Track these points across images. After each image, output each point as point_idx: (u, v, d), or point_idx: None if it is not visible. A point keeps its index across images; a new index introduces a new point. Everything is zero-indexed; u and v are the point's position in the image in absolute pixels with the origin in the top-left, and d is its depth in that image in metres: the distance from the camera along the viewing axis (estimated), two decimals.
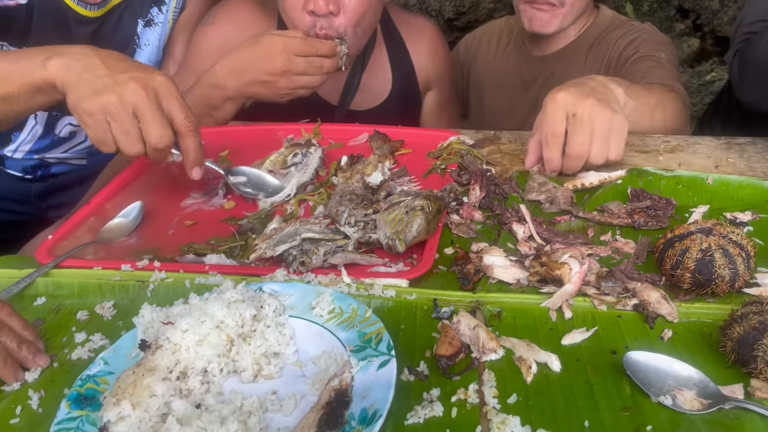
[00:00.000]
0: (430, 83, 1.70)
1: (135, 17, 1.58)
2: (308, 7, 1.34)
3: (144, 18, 1.59)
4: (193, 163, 1.06)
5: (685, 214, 1.03)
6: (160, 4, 1.60)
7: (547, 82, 1.73)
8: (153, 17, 1.60)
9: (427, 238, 0.97)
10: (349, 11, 1.36)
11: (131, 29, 1.58)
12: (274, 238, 0.98)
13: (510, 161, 1.23)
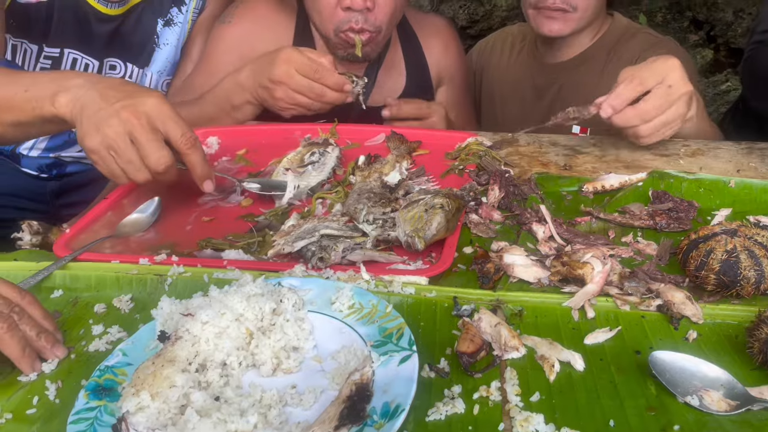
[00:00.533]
0: (442, 79, 1.71)
1: (155, 16, 1.59)
2: (344, 3, 1.38)
3: (164, 17, 1.60)
4: (201, 177, 1.05)
5: (707, 217, 1.02)
6: (180, 4, 1.61)
7: (562, 89, 1.72)
8: (173, 17, 1.61)
9: (447, 236, 0.96)
10: (383, 6, 1.41)
11: (151, 28, 1.59)
12: (293, 234, 0.97)
13: (528, 163, 1.23)
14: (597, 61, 1.70)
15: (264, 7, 1.56)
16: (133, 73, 1.61)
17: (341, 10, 1.40)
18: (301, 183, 1.16)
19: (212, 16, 1.63)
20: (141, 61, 1.60)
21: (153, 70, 1.63)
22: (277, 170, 1.20)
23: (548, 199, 1.09)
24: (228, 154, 1.31)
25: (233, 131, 1.38)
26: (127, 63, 1.60)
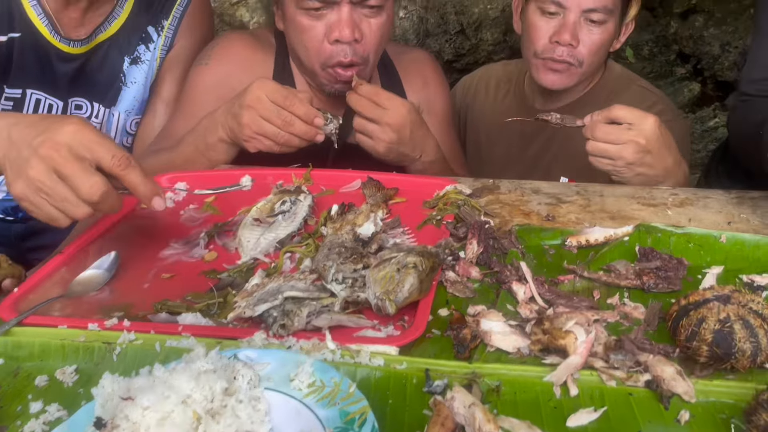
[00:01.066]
0: (422, 111, 1.65)
1: (121, 54, 1.53)
2: (332, 36, 1.34)
3: (130, 55, 1.54)
4: (146, 197, 0.96)
5: (698, 275, 0.96)
6: (147, 41, 1.56)
7: (552, 139, 1.67)
8: (140, 54, 1.56)
9: (420, 298, 0.89)
10: (370, 36, 1.37)
11: (117, 66, 1.54)
12: (255, 295, 0.91)
13: (510, 212, 1.17)
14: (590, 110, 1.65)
15: (241, 47, 1.51)
16: (100, 113, 1.55)
17: (329, 43, 1.36)
18: (269, 235, 1.09)
19: (182, 53, 1.58)
20: (107, 100, 1.55)
21: (120, 110, 1.57)
22: (245, 221, 1.14)
23: (530, 253, 1.03)
24: (195, 201, 1.25)
25: (202, 176, 1.32)
26: (93, 103, 1.54)
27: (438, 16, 3.20)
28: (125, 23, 1.52)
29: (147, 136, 1.61)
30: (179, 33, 1.58)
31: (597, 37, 1.51)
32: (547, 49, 1.53)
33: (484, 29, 3.17)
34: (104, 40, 1.50)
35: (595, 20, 1.49)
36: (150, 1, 1.55)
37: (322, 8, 1.33)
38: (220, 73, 1.47)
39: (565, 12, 1.50)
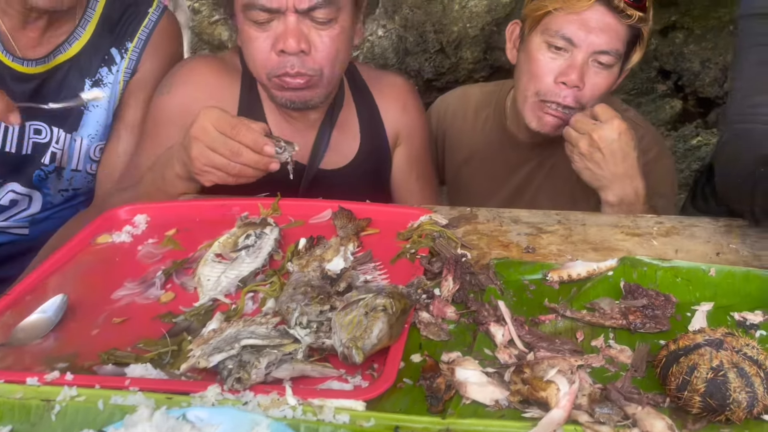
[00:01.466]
0: (400, 139, 1.60)
1: (82, 77, 1.46)
2: (278, 47, 1.28)
3: (92, 78, 1.47)
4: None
5: (687, 313, 0.90)
6: (110, 64, 1.49)
7: (538, 167, 1.61)
8: (102, 77, 1.49)
9: (391, 344, 0.83)
10: (321, 49, 1.30)
11: (78, 89, 1.46)
12: (211, 343, 0.83)
13: (488, 244, 1.11)
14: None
15: (204, 72, 1.44)
16: (61, 139, 1.48)
17: (275, 54, 1.29)
18: (231, 273, 1.02)
19: (147, 78, 1.51)
20: (68, 125, 1.47)
21: (83, 135, 1.50)
22: (206, 257, 1.07)
23: (509, 289, 0.97)
24: (155, 235, 1.17)
25: (164, 207, 1.24)
26: (53, 127, 1.46)
27: (417, 34, 3.16)
28: (87, 44, 1.46)
29: (111, 162, 1.53)
30: (144, 56, 1.51)
31: (603, 81, 1.43)
32: (551, 91, 1.43)
33: (464, 48, 3.13)
34: (64, 61, 1.44)
35: (603, 62, 1.42)
36: (114, 23, 1.48)
37: (268, 19, 1.27)
38: (182, 101, 1.39)
39: (574, 51, 1.41)
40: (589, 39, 1.39)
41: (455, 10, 3.06)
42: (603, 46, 1.40)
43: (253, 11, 1.26)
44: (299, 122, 1.47)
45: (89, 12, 1.44)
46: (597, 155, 1.31)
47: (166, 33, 1.53)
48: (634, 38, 1.44)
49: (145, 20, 1.50)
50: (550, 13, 1.41)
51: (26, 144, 1.44)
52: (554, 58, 1.43)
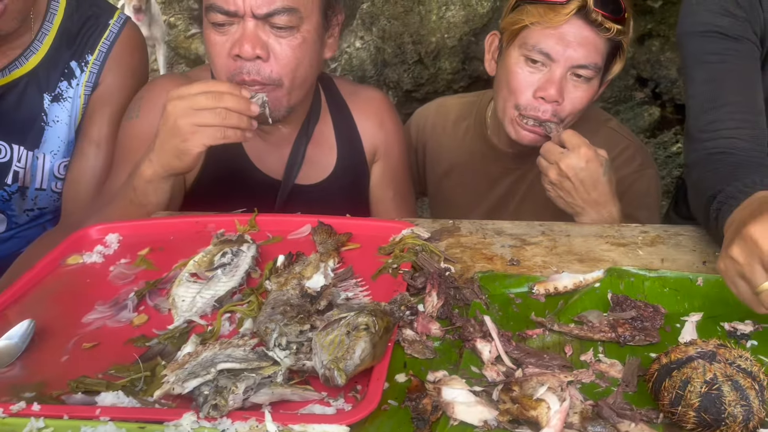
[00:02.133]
0: (377, 154, 1.57)
1: (40, 91, 1.42)
2: (233, 51, 1.24)
3: (51, 92, 1.43)
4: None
5: (676, 324, 0.88)
6: (70, 77, 1.44)
7: (521, 179, 1.59)
8: (62, 92, 1.44)
9: (374, 364, 0.80)
10: (282, 57, 1.26)
11: (36, 104, 1.42)
12: (186, 368, 0.80)
13: (471, 257, 1.08)
14: None
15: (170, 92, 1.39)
16: (23, 157, 1.43)
17: (231, 59, 1.26)
18: (207, 293, 0.99)
19: (110, 92, 1.46)
20: (29, 141, 1.42)
21: (45, 151, 1.45)
22: (181, 277, 1.03)
23: (494, 303, 0.95)
24: (128, 254, 1.13)
25: (137, 226, 1.21)
26: (13, 144, 1.41)
27: (395, 46, 3.16)
28: (44, 58, 1.41)
29: (77, 179, 1.48)
30: (106, 69, 1.47)
31: (582, 94, 1.41)
32: (530, 105, 1.40)
33: (443, 58, 3.14)
34: (21, 75, 1.39)
35: (582, 76, 1.39)
36: (73, 35, 1.43)
37: (228, 22, 1.24)
38: (152, 124, 1.34)
39: (552, 65, 1.38)
40: (567, 53, 1.37)
41: (433, 20, 3.06)
42: (581, 60, 1.37)
43: (212, 13, 1.24)
44: (272, 136, 1.44)
45: (46, 25, 1.40)
46: (566, 184, 1.29)
47: (128, 45, 1.49)
48: (614, 50, 1.42)
49: (105, 32, 1.46)
50: (527, 27, 1.40)
51: None
52: (532, 72, 1.41)
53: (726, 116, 1.24)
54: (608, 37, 1.37)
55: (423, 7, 3.04)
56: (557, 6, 1.35)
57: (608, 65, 1.45)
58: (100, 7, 1.48)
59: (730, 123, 1.23)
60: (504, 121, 1.47)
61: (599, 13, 1.34)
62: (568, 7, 1.34)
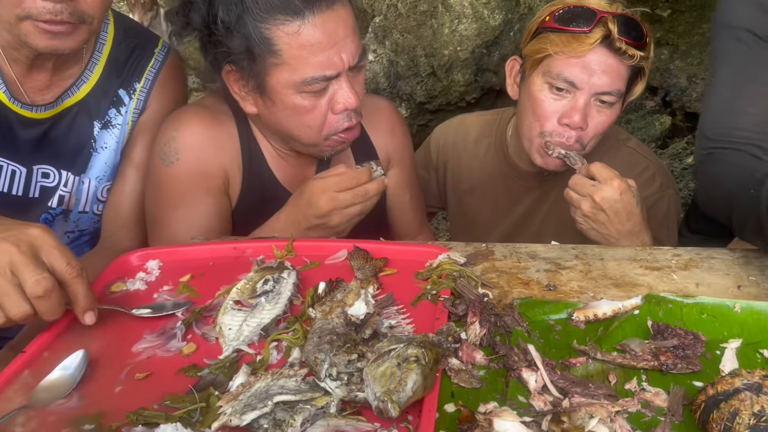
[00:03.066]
0: (391, 161, 1.62)
1: (91, 119, 1.45)
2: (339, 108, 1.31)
3: (101, 120, 1.46)
4: (83, 308, 0.99)
5: (716, 351, 0.90)
6: (119, 105, 1.47)
7: (543, 198, 1.61)
8: (111, 119, 1.47)
9: (424, 395, 0.82)
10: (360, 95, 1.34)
11: (87, 132, 1.45)
12: (241, 399, 0.82)
13: (508, 282, 1.10)
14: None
15: (203, 130, 1.40)
16: (69, 181, 1.46)
17: (333, 114, 1.32)
18: (252, 321, 1.01)
19: (155, 116, 1.49)
20: (77, 167, 1.45)
21: (91, 176, 1.48)
22: (225, 305, 1.05)
23: (535, 330, 0.97)
24: (170, 281, 1.16)
25: (176, 252, 1.23)
26: (61, 170, 1.44)
27: (408, 59, 3.18)
28: (95, 87, 1.44)
29: (119, 202, 1.52)
30: (152, 96, 1.50)
31: (605, 119, 1.44)
32: (555, 131, 1.44)
33: (455, 71, 3.16)
34: (72, 104, 1.42)
35: (606, 102, 1.42)
36: (121, 64, 1.47)
37: (325, 85, 1.28)
38: (196, 164, 1.38)
39: (576, 93, 1.41)
40: (591, 81, 1.39)
41: (445, 34, 3.09)
42: (605, 87, 1.40)
43: (313, 84, 1.26)
44: (296, 159, 1.47)
45: (96, 55, 1.43)
46: (601, 216, 1.30)
47: (172, 72, 1.52)
48: (636, 73, 1.45)
49: (151, 60, 1.49)
50: (550, 55, 1.42)
51: (33, 188, 1.42)
52: (557, 99, 1.43)
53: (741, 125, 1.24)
54: (631, 63, 1.39)
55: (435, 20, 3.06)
56: (581, 36, 1.38)
57: (630, 87, 1.47)
58: (146, 36, 1.52)
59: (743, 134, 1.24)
60: (530, 149, 1.50)
61: (623, 41, 1.37)
62: (592, 37, 1.36)
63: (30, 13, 1.18)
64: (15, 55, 1.29)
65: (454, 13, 3.04)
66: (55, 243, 0.96)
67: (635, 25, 1.39)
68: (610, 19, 1.37)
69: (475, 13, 3.04)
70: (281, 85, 1.27)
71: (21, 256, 0.91)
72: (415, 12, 3.09)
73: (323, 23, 1.22)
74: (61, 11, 1.18)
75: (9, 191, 1.39)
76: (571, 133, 1.42)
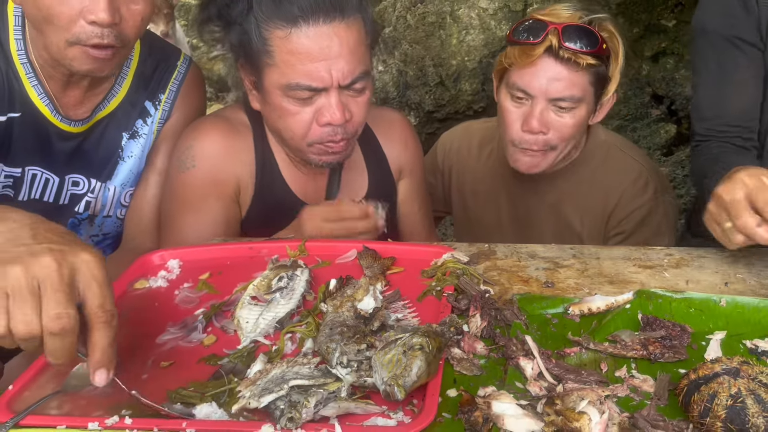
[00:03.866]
0: (403, 172, 1.69)
1: (119, 130, 1.53)
2: (323, 120, 1.35)
3: (129, 131, 1.54)
4: (97, 363, 0.85)
5: (701, 342, 0.96)
6: (145, 116, 1.55)
7: (541, 201, 1.68)
8: (138, 129, 1.55)
9: (428, 380, 0.88)
10: (357, 115, 1.40)
11: (115, 142, 1.53)
12: (259, 384, 0.89)
13: (508, 279, 1.17)
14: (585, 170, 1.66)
15: (220, 140, 1.48)
16: (96, 188, 1.54)
17: (318, 126, 1.36)
18: (268, 315, 1.08)
19: (178, 124, 1.57)
20: (104, 175, 1.53)
21: (116, 183, 1.56)
22: (242, 300, 1.12)
23: (533, 324, 1.03)
24: (190, 279, 1.23)
25: (196, 252, 1.30)
26: (91, 179, 1.52)
27: (417, 69, 3.26)
28: (123, 100, 1.52)
29: (141, 206, 1.59)
30: (175, 106, 1.58)
31: (568, 122, 1.51)
32: (520, 138, 1.53)
33: (463, 80, 3.23)
34: (103, 117, 1.50)
35: (564, 107, 1.49)
36: (148, 78, 1.55)
37: (312, 96, 1.33)
38: (211, 172, 1.46)
39: (532, 100, 1.50)
40: (542, 88, 1.48)
41: (453, 44, 3.17)
42: (557, 93, 1.48)
43: (298, 91, 1.32)
44: (308, 167, 1.53)
45: (125, 70, 1.51)
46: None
47: (193, 84, 1.61)
48: (602, 78, 1.51)
49: (174, 72, 1.57)
50: (509, 68, 1.51)
51: (64, 195, 1.50)
52: (517, 107, 1.54)
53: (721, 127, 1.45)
54: (584, 69, 1.46)
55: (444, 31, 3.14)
56: (528, 47, 1.46)
57: (599, 90, 1.53)
58: (169, 51, 1.60)
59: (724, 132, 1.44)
60: (507, 156, 1.61)
61: (569, 50, 1.44)
62: (537, 48, 1.45)
63: (79, 38, 1.25)
64: (51, 72, 1.37)
65: (461, 24, 3.12)
66: (101, 278, 0.84)
67: (587, 34, 1.46)
68: (553, 31, 1.44)
69: (482, 24, 3.11)
70: (272, 85, 1.35)
71: (57, 278, 0.80)
72: (424, 23, 3.18)
73: (316, 35, 1.29)
74: (108, 35, 1.26)
75: (41, 198, 1.47)
76: (534, 138, 1.52)
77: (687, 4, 3.93)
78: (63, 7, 1.23)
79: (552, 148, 1.52)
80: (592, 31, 1.46)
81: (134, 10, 1.30)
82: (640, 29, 3.97)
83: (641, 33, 3.99)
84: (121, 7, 1.27)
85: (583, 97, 1.50)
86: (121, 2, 1.27)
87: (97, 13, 1.23)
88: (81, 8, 1.24)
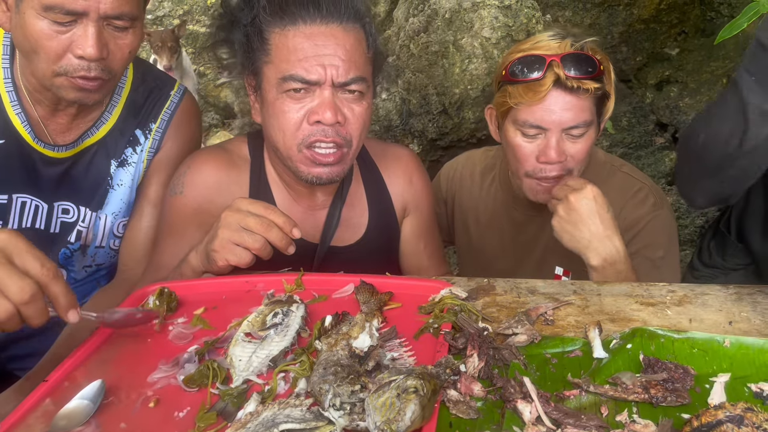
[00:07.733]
0: (407, 210, 1.66)
1: (108, 158, 1.53)
2: (313, 118, 1.33)
3: (118, 158, 1.54)
4: (65, 307, 1.01)
5: (705, 384, 0.93)
6: (135, 144, 1.55)
7: (544, 225, 1.66)
8: (127, 157, 1.55)
9: (423, 425, 0.86)
10: (353, 122, 1.37)
11: (104, 169, 1.53)
12: (249, 427, 0.87)
13: (507, 316, 1.14)
14: None
15: (213, 170, 1.48)
16: (87, 217, 1.53)
17: (308, 124, 1.34)
18: (262, 353, 1.06)
19: (170, 156, 1.57)
20: (94, 203, 1.53)
21: (107, 212, 1.56)
22: (236, 336, 1.10)
23: (531, 364, 1.01)
24: (185, 313, 1.21)
25: (191, 286, 1.29)
26: (80, 207, 1.52)
27: (420, 97, 3.27)
28: (113, 128, 1.52)
29: (135, 237, 1.59)
30: (167, 136, 1.58)
31: (581, 146, 1.51)
32: (537, 169, 1.53)
33: (466, 108, 3.23)
34: (91, 144, 1.50)
35: (576, 134, 1.50)
36: (139, 106, 1.55)
37: (304, 92, 1.32)
38: (196, 200, 1.45)
39: (546, 133, 1.49)
40: (556, 120, 1.48)
41: (456, 73, 3.17)
42: (571, 122, 1.48)
43: (291, 82, 1.31)
44: (309, 201, 1.52)
45: (115, 98, 1.51)
46: (574, 215, 1.41)
47: (186, 114, 1.60)
48: (602, 97, 1.52)
49: (167, 102, 1.57)
50: (514, 107, 1.50)
51: (54, 223, 1.49)
52: (530, 142, 1.53)
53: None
54: (590, 94, 1.46)
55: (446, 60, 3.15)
56: (534, 84, 1.46)
57: (600, 109, 1.54)
58: (162, 80, 1.60)
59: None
60: (522, 186, 1.59)
61: (575, 79, 1.44)
62: (545, 84, 1.45)
63: (66, 70, 1.27)
64: (39, 97, 1.38)
65: (464, 53, 3.13)
66: (27, 247, 0.98)
67: (585, 60, 1.47)
68: (556, 64, 1.44)
69: (485, 53, 3.12)
70: (268, 83, 1.35)
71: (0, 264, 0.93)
72: (427, 52, 3.19)
73: (312, 34, 1.31)
74: (95, 68, 1.27)
75: (32, 226, 1.47)
76: (551, 167, 1.51)
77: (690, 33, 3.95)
78: (51, 42, 1.25)
79: (569, 171, 1.52)
80: (589, 56, 1.47)
81: (122, 44, 1.31)
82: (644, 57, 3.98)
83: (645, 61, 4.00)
84: (108, 42, 1.28)
85: (592, 119, 1.51)
86: (109, 37, 1.28)
87: (84, 48, 1.24)
88: (69, 43, 1.25)
